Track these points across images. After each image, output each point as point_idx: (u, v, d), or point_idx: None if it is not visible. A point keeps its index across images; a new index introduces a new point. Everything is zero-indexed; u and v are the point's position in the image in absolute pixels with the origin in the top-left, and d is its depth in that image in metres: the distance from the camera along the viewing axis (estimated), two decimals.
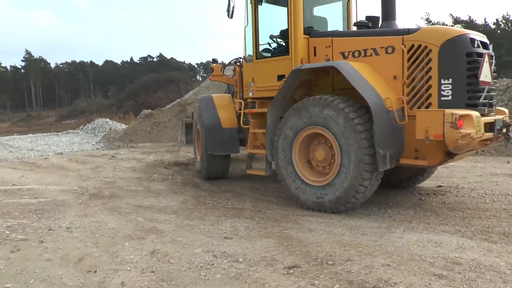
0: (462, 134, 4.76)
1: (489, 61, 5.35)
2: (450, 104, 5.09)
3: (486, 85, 5.31)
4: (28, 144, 18.39)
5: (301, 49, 6.42)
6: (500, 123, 5.38)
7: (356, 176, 5.36)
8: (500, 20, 55.02)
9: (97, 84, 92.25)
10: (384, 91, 5.41)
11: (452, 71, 5.13)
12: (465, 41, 5.16)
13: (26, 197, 7.24)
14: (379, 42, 5.75)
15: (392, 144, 5.28)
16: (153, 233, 5.03)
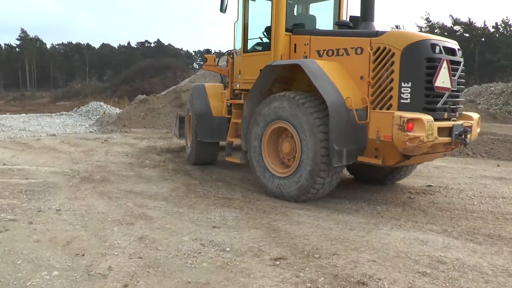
0: (410, 137, 4.91)
1: (449, 67, 5.41)
2: (408, 107, 5.23)
3: (445, 91, 5.41)
4: (20, 124, 18.27)
5: (281, 46, 6.61)
6: (459, 128, 5.46)
7: (313, 169, 5.61)
8: (499, 24, 55.31)
9: (93, 67, 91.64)
10: (348, 90, 5.58)
11: (411, 75, 5.27)
12: (426, 46, 5.28)
13: (16, 177, 7.22)
14: (350, 42, 5.93)
15: (350, 142, 5.46)
16: (142, 219, 5.05)
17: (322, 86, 5.52)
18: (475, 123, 5.92)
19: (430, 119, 5.06)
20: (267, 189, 6.30)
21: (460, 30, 56.72)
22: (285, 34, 6.65)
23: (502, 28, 55.64)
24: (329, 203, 5.97)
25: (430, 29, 58.95)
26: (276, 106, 6.10)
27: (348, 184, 7.15)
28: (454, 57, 5.59)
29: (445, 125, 5.35)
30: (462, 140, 5.49)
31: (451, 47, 5.62)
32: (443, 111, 5.48)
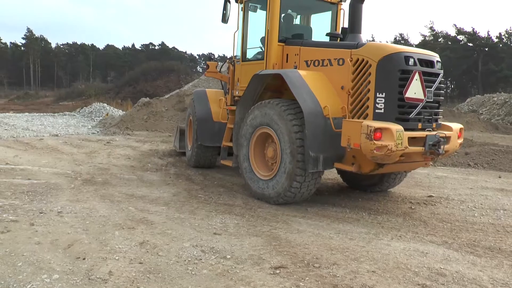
0: (377, 146, 5.06)
1: (421, 78, 5.55)
2: (382, 117, 5.44)
3: (418, 102, 5.56)
4: (23, 123, 18.32)
5: (274, 55, 6.96)
6: (432, 138, 5.53)
7: (290, 173, 5.86)
8: (503, 34, 55.34)
9: (97, 68, 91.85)
10: (327, 100, 5.83)
11: (385, 85, 5.48)
12: (399, 58, 5.46)
13: (19, 177, 7.25)
14: (333, 54, 6.21)
15: (327, 149, 5.68)
16: (143, 223, 5.06)
17: (300, 95, 5.79)
18: (455, 133, 5.98)
19: (400, 128, 5.20)
20: (251, 190, 6.57)
21: (463, 39, 56.81)
22: (278, 44, 6.97)
23: (505, 39, 55.73)
24: (330, 212, 5.98)
25: (434, 38, 59.07)
26: (261, 112, 6.38)
27: (349, 193, 7.16)
28: (431, 69, 5.73)
29: (417, 135, 5.48)
30: (435, 150, 5.54)
31: (428, 59, 5.76)
32: (417, 122, 5.64)
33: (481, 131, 14.55)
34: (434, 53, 6.04)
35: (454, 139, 5.95)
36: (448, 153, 6.01)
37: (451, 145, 5.90)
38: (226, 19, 7.84)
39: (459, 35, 57.12)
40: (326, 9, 7.81)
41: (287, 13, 7.66)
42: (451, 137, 5.88)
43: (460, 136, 6.19)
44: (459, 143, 6.16)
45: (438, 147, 5.56)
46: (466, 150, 10.91)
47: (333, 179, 8.26)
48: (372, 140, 5.06)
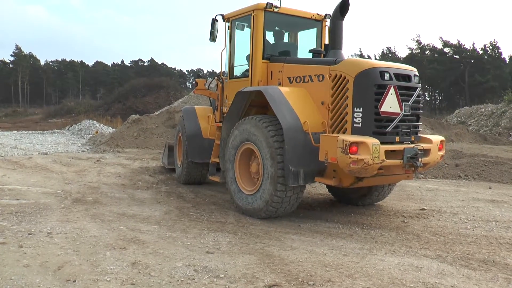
0: (353, 159, 5.15)
1: (397, 93, 5.66)
2: (360, 131, 5.57)
3: (394, 116, 5.67)
4: (12, 141, 18.14)
5: (259, 73, 7.10)
6: (410, 151, 5.60)
7: (272, 188, 5.94)
8: (487, 46, 56.26)
9: (86, 85, 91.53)
10: (307, 115, 5.97)
11: (362, 100, 5.61)
12: (375, 73, 5.59)
13: (7, 197, 7.14)
14: (314, 70, 6.39)
15: (307, 163, 5.76)
16: (135, 243, 4.99)
17: (280, 111, 5.94)
18: (435, 146, 6.05)
19: (376, 142, 5.28)
20: (237, 205, 6.64)
21: (450, 52, 57.66)
22: (263, 62, 7.14)
23: (490, 50, 56.63)
24: (323, 227, 5.96)
25: (421, 51, 59.87)
26: (244, 128, 6.50)
27: (341, 209, 7.15)
28: (408, 83, 5.85)
29: (395, 148, 5.59)
30: (413, 162, 5.60)
31: (405, 73, 5.88)
32: (395, 135, 5.75)
33: (470, 142, 14.67)
34: (411, 67, 6.16)
35: (434, 151, 6.02)
36: (429, 165, 6.11)
37: (432, 157, 5.97)
38: (214, 38, 7.92)
39: (445, 47, 58.00)
40: (311, 26, 7.94)
41: (276, 30, 7.86)
42: (431, 150, 5.95)
43: (441, 148, 6.26)
44: (440, 155, 6.22)
45: (416, 160, 5.61)
46: (456, 162, 10.98)
47: (325, 194, 8.24)
48: (348, 154, 5.15)
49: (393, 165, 5.57)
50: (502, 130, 19.96)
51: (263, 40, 7.18)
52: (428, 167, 6.23)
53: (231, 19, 7.77)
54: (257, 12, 7.07)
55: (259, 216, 6.21)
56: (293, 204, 6.19)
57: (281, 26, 7.94)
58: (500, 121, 21.18)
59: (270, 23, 7.43)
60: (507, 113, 21.56)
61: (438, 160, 6.25)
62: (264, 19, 7.09)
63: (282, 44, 7.88)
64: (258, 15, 7.06)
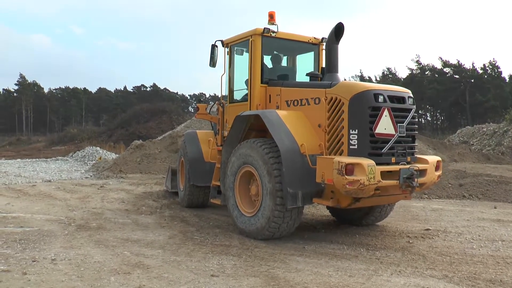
0: (349, 180, 5.24)
1: (390, 114, 5.79)
2: (356, 153, 5.67)
3: (389, 137, 5.78)
4: (15, 169, 18.22)
5: (257, 97, 7.26)
6: (406, 172, 5.68)
7: (272, 203, 6.00)
8: (487, 66, 56.66)
9: (89, 111, 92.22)
10: (304, 137, 6.08)
11: (357, 122, 5.73)
12: (369, 95, 5.72)
13: (11, 225, 7.15)
14: (310, 93, 6.51)
15: (305, 185, 5.82)
16: (139, 268, 4.98)
17: (278, 134, 6.05)
18: (431, 166, 6.15)
19: (372, 163, 5.38)
20: (240, 229, 6.67)
21: (450, 71, 58.03)
22: (261, 86, 7.29)
23: (490, 70, 56.99)
24: (327, 249, 5.93)
25: (421, 71, 60.27)
26: (241, 153, 6.64)
27: (346, 230, 7.12)
28: (402, 105, 5.99)
29: (391, 169, 5.67)
30: (409, 183, 5.68)
31: (399, 95, 6.02)
32: (391, 156, 5.84)
33: (473, 162, 14.65)
34: (405, 89, 6.31)
35: (431, 171, 6.12)
36: (426, 186, 6.21)
37: (428, 177, 6.06)
38: (214, 63, 8.09)
39: (445, 67, 58.39)
40: (309, 50, 8.11)
41: (274, 54, 8.02)
42: (428, 170, 6.05)
43: (438, 168, 6.36)
44: (437, 175, 6.31)
45: (412, 180, 5.68)
46: (460, 182, 10.96)
47: (329, 215, 8.22)
48: (344, 176, 5.24)
49: (390, 185, 5.65)
50: (505, 149, 19.95)
51: (261, 65, 7.33)
52: (426, 188, 6.35)
53: (230, 44, 7.95)
54: (255, 38, 7.26)
55: (262, 236, 6.23)
56: (291, 226, 6.21)
57: (279, 50, 8.10)
58: (502, 140, 21.17)
59: (268, 48, 7.63)
60: (510, 132, 21.58)
61: (435, 180, 6.32)
62: (261, 44, 7.28)
63: (280, 68, 8.02)
64: (256, 40, 7.25)
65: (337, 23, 6.61)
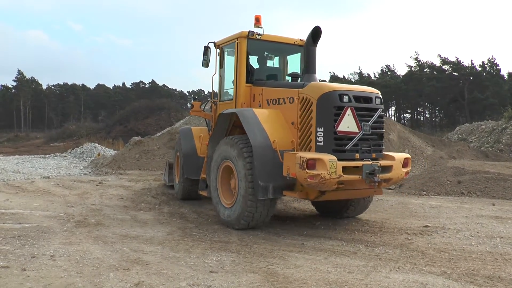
0: (309, 174, 5.59)
1: (353, 113, 6.10)
2: (322, 149, 6.02)
3: (352, 135, 6.11)
4: (14, 166, 18.18)
5: (242, 96, 7.68)
6: (369, 167, 5.97)
7: (244, 202, 6.42)
8: (486, 63, 56.68)
9: (88, 108, 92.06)
10: (277, 134, 6.44)
11: (323, 120, 6.08)
12: (334, 95, 6.07)
13: (9, 222, 7.14)
14: (286, 93, 6.89)
15: (275, 179, 6.18)
16: (138, 264, 4.98)
17: (251, 131, 6.44)
18: (398, 163, 6.42)
19: (333, 159, 5.70)
20: (219, 217, 7.14)
21: (448, 69, 58.04)
22: (246, 85, 7.70)
23: (488, 67, 57.03)
24: (327, 245, 5.94)
25: (420, 69, 60.29)
26: (223, 148, 7.05)
27: (345, 226, 7.13)
28: (368, 104, 6.29)
29: (354, 165, 5.98)
30: (371, 178, 5.96)
31: (365, 95, 6.33)
32: (354, 152, 6.15)
33: (472, 159, 14.66)
34: (374, 90, 6.60)
35: (397, 168, 6.38)
36: (393, 181, 6.52)
37: (394, 173, 6.35)
38: (207, 63, 8.47)
39: (444, 65, 58.40)
40: (295, 51, 8.48)
41: (261, 55, 8.40)
42: (394, 166, 6.33)
43: (407, 165, 6.60)
44: (404, 171, 6.53)
45: (374, 176, 5.96)
46: (459, 179, 10.97)
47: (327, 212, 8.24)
48: (305, 170, 5.59)
49: (354, 180, 5.94)
50: (503, 147, 19.97)
51: (247, 65, 7.72)
52: (393, 183, 6.65)
53: (221, 45, 8.37)
54: (241, 40, 7.67)
55: (239, 225, 6.61)
56: (264, 216, 6.58)
57: (269, 52, 8.53)
58: (501, 137, 21.19)
59: (257, 49, 8.10)
60: (508, 130, 21.59)
61: (402, 176, 6.55)
62: (247, 46, 7.70)
63: (268, 69, 8.37)
64: (242, 43, 7.66)
65: (314, 26, 6.85)
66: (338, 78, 69.91)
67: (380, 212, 8.29)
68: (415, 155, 13.59)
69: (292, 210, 8.55)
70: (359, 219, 7.61)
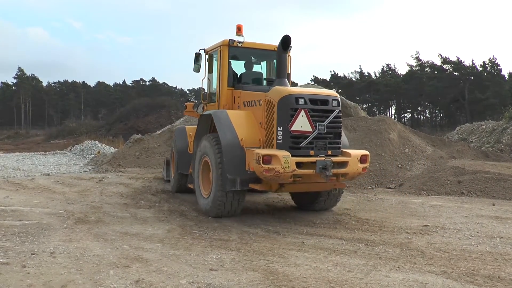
0: (264, 168, 6.27)
1: (307, 115, 6.71)
2: (281, 146, 6.68)
3: (306, 134, 6.70)
4: (14, 163, 18.19)
5: (224, 98, 8.48)
6: (322, 163, 6.54)
7: (216, 192, 7.15)
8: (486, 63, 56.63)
9: (88, 105, 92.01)
10: (245, 133, 7.13)
11: (282, 121, 6.73)
12: (291, 98, 6.71)
13: (9, 218, 7.14)
14: (257, 96, 7.60)
15: (242, 173, 6.88)
16: (138, 261, 4.98)
17: (222, 130, 7.18)
18: (354, 159, 6.95)
19: (287, 155, 6.34)
20: (199, 206, 7.93)
21: (449, 68, 58.00)
22: (228, 89, 8.47)
23: (489, 67, 56.97)
24: (327, 244, 5.94)
25: (420, 68, 60.24)
26: (203, 145, 7.79)
27: (345, 225, 7.13)
28: (324, 106, 6.89)
29: (307, 160, 6.58)
30: (324, 172, 6.52)
31: (322, 98, 6.95)
32: (310, 149, 6.75)
33: (472, 159, 14.63)
34: (332, 93, 7.30)
35: (353, 163, 6.92)
36: (349, 176, 7.01)
37: (350, 168, 6.90)
38: (198, 69, 9.21)
39: (445, 64, 58.37)
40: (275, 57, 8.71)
41: (247, 60, 9.11)
42: (349, 162, 6.89)
43: (365, 161, 7.11)
44: (361, 167, 7.04)
45: (326, 170, 6.51)
46: (459, 179, 10.96)
47: (329, 210, 8.24)
48: (261, 164, 6.27)
49: (308, 174, 6.55)
50: (504, 147, 19.93)
51: (228, 71, 8.46)
52: (350, 178, 7.12)
53: (209, 52, 9.11)
54: (223, 48, 8.42)
55: (212, 213, 7.38)
56: (234, 206, 7.28)
57: (256, 57, 9.28)
58: (501, 138, 21.15)
59: (243, 55, 8.93)
60: (508, 130, 21.55)
61: (359, 171, 7.05)
62: (229, 53, 8.43)
63: (252, 73, 9.06)
64: (224, 50, 8.41)
65: (284, 35, 7.31)
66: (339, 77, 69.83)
67: (380, 211, 8.29)
68: (415, 154, 13.57)
69: (292, 208, 8.55)
70: (359, 218, 7.62)
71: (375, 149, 12.88)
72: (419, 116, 70.05)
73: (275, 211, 8.22)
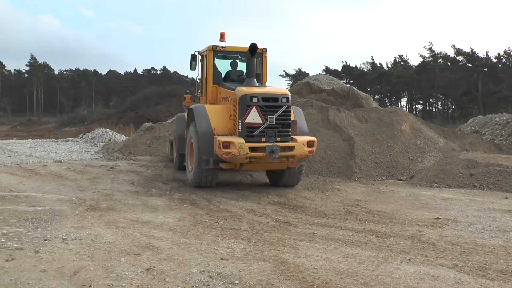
0: (224, 152, 8.00)
1: (258, 110, 8.26)
2: (240, 134, 8.29)
3: (258, 125, 8.25)
4: (27, 149, 18.37)
5: (209, 93, 10.25)
6: (270, 148, 8.10)
7: (195, 168, 8.98)
8: (501, 55, 55.66)
9: (99, 93, 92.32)
10: (217, 124, 8.76)
11: (240, 115, 8.34)
12: (247, 97, 8.29)
13: (23, 204, 7.22)
14: (228, 93, 9.18)
15: (213, 155, 8.49)
16: (149, 249, 5.01)
17: (199, 121, 8.82)
18: (300, 144, 8.41)
19: (241, 141, 8.02)
20: (187, 179, 9.68)
21: (463, 60, 57.15)
22: (212, 86, 10.21)
23: (504, 59, 56.03)
24: (337, 235, 5.92)
25: (433, 59, 59.46)
26: (190, 130, 9.59)
27: (356, 216, 7.11)
28: (274, 103, 8.40)
29: (258, 146, 8.15)
30: (271, 155, 8.07)
31: (273, 96, 8.43)
32: (262, 137, 8.29)
33: (484, 151, 14.45)
34: (283, 91, 8.76)
35: (299, 147, 8.39)
36: (297, 157, 8.50)
37: (297, 152, 8.38)
38: (194, 68, 10.93)
39: (458, 55, 57.46)
40: (257, 57, 10.07)
41: (232, 60, 10.60)
42: (296, 146, 8.36)
43: (311, 145, 8.59)
44: (307, 150, 8.51)
45: (273, 153, 8.06)
46: (471, 171, 10.84)
47: (338, 201, 8.22)
48: (221, 149, 8.01)
49: (260, 156, 8.13)
50: None
51: (213, 70, 10.20)
52: (298, 159, 8.60)
53: (202, 54, 10.77)
54: (208, 52, 10.18)
55: (193, 184, 9.16)
56: (209, 179, 9.04)
57: (240, 57, 10.68)
58: None
59: (227, 56, 10.52)
60: None
61: (305, 153, 8.52)
62: (213, 56, 10.20)
63: (236, 72, 10.50)
64: (209, 54, 10.18)
65: (251, 43, 8.69)
66: (350, 68, 69.24)
67: (391, 203, 8.25)
68: (427, 146, 13.42)
69: (302, 199, 8.53)
70: (370, 210, 7.59)
71: (386, 140, 12.77)
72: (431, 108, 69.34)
73: (285, 202, 8.21)
